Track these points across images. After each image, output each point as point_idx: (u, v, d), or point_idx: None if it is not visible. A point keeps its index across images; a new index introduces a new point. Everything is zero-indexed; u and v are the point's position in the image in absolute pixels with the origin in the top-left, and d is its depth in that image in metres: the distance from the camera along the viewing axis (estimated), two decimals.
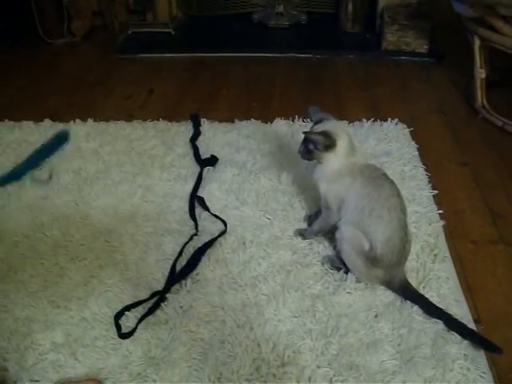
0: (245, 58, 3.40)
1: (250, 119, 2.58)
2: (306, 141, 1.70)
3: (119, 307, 1.60)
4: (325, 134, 1.65)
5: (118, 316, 1.57)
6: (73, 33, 3.77)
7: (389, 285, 1.61)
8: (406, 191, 1.96)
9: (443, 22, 3.32)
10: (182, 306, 1.61)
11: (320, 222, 1.79)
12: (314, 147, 1.66)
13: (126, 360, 1.46)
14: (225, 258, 1.78)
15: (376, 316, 1.56)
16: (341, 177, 1.66)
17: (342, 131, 1.68)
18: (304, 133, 1.70)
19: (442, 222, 1.90)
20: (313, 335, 1.50)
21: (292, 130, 2.45)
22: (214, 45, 3.61)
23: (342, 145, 1.65)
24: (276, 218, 1.94)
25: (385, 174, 1.65)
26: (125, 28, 3.80)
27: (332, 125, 1.71)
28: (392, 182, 1.63)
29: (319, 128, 1.69)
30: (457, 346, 1.45)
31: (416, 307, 1.56)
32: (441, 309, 1.53)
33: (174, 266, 1.74)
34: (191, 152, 2.34)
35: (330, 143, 1.64)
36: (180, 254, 1.79)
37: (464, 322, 1.50)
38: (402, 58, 3.32)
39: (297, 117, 2.51)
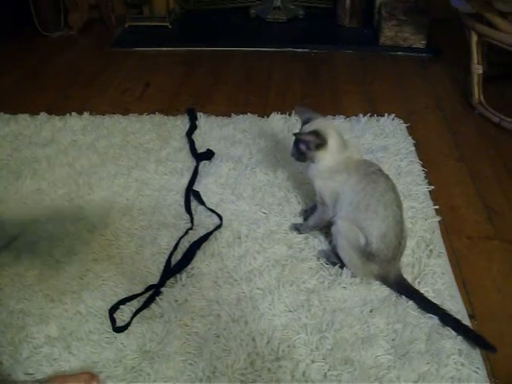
0: (242, 53, 3.39)
1: (246, 113, 2.58)
2: (298, 142, 1.70)
3: (114, 301, 1.60)
4: (315, 133, 1.66)
5: (113, 310, 1.57)
6: (69, 26, 3.76)
7: (384, 280, 1.62)
8: (402, 186, 1.97)
9: (441, 17, 3.32)
10: (176, 300, 1.61)
11: (315, 218, 1.79)
12: (305, 147, 1.67)
13: (121, 354, 1.46)
14: (220, 253, 1.78)
15: (371, 311, 1.56)
16: (335, 173, 1.66)
17: (332, 129, 1.69)
18: (294, 134, 1.70)
19: (437, 218, 1.90)
20: (308, 330, 1.50)
21: (288, 124, 2.45)
22: (211, 39, 3.60)
23: (332, 142, 1.65)
24: (272, 212, 1.94)
25: (380, 170, 1.65)
26: (122, 21, 3.79)
27: (321, 123, 1.71)
28: (387, 178, 1.63)
29: (308, 128, 1.70)
30: (451, 341, 1.45)
31: (411, 302, 1.56)
32: (436, 304, 1.54)
33: (169, 260, 1.74)
34: (187, 146, 2.34)
35: (321, 142, 1.64)
36: (175, 247, 1.78)
37: (459, 317, 1.50)
38: (400, 53, 3.31)
39: (293, 111, 2.50)
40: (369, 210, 1.56)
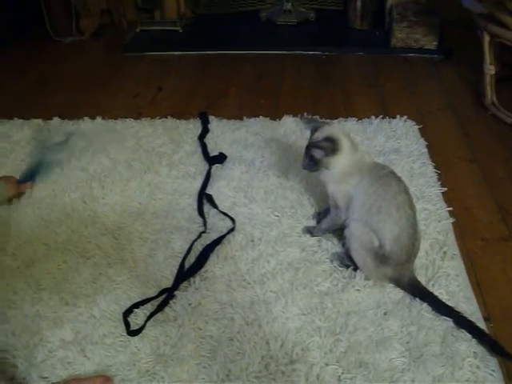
0: (253, 56, 3.39)
1: (258, 116, 2.58)
2: (310, 151, 1.69)
3: (128, 304, 1.61)
4: (328, 139, 1.66)
5: (127, 313, 1.58)
6: (81, 31, 3.77)
7: (398, 282, 1.61)
8: (415, 188, 1.96)
9: (452, 18, 3.30)
10: (190, 304, 1.61)
11: (329, 221, 1.79)
12: (323, 154, 1.66)
13: (135, 357, 1.47)
14: (233, 256, 1.78)
15: (385, 313, 1.55)
16: (349, 175, 1.66)
17: (341, 133, 1.70)
18: (309, 145, 1.70)
19: (451, 220, 1.89)
20: (321, 333, 1.50)
21: (300, 127, 2.43)
22: (222, 43, 3.61)
23: (346, 145, 1.66)
24: (284, 215, 1.94)
25: (392, 172, 1.65)
26: (133, 26, 3.80)
27: (330, 129, 1.72)
28: (399, 180, 1.62)
29: (319, 136, 1.70)
30: (466, 344, 1.44)
31: (425, 305, 1.56)
32: (450, 307, 1.53)
33: (182, 264, 1.74)
34: (199, 149, 2.34)
35: (335, 146, 1.65)
36: (188, 251, 1.79)
37: (473, 319, 1.50)
38: (411, 54, 3.30)
39: (305, 114, 2.50)
40: (381, 213, 1.56)
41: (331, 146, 1.65)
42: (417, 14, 3.29)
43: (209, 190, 2.08)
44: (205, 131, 2.46)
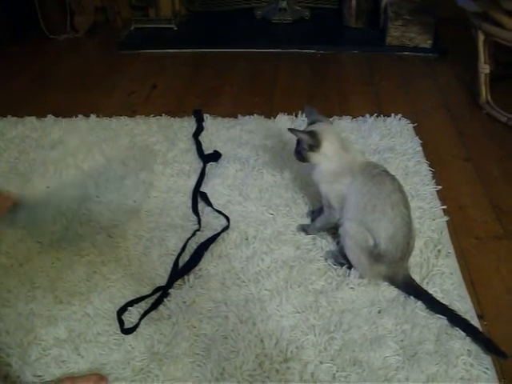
0: (248, 54, 3.39)
1: (252, 115, 2.58)
2: (297, 141, 1.72)
3: (122, 302, 1.61)
4: (311, 133, 1.67)
5: (121, 311, 1.58)
6: (76, 28, 3.76)
7: (392, 281, 1.61)
8: (409, 187, 1.96)
9: (447, 16, 3.30)
10: (184, 302, 1.61)
11: (323, 220, 1.79)
12: (302, 147, 1.68)
13: (129, 355, 1.47)
14: (228, 254, 1.78)
15: (379, 312, 1.56)
16: (340, 176, 1.66)
17: (330, 133, 1.70)
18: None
19: (445, 218, 1.90)
20: (316, 331, 1.50)
21: (295, 125, 2.44)
22: (217, 40, 3.59)
23: (327, 145, 1.66)
24: (279, 213, 1.94)
25: (385, 171, 1.64)
26: (127, 24, 3.79)
27: (321, 126, 1.72)
28: (393, 178, 1.62)
29: (307, 129, 1.71)
30: (460, 342, 1.45)
31: (419, 303, 1.56)
32: (444, 305, 1.53)
33: (176, 262, 1.74)
34: (194, 147, 2.34)
35: (314, 143, 1.65)
36: (183, 249, 1.79)
37: (467, 317, 1.50)
38: (406, 53, 3.30)
39: (300, 112, 2.50)
40: (376, 212, 1.56)
41: (309, 141, 1.65)
42: (412, 12, 3.29)
43: (203, 188, 2.08)
44: (199, 129, 2.46)
